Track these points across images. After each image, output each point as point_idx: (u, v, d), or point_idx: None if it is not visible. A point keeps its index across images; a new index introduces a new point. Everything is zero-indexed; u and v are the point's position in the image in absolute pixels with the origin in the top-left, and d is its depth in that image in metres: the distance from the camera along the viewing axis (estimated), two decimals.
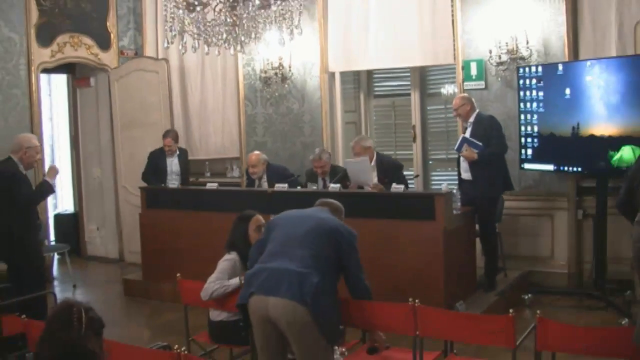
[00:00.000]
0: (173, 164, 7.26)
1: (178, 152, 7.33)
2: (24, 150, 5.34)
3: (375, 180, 5.96)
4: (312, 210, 3.83)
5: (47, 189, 5.57)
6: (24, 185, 5.37)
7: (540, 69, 6.09)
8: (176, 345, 3.04)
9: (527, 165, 6.20)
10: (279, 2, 4.18)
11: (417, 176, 7.42)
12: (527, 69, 6.16)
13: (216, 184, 6.59)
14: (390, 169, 6.07)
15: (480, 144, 5.81)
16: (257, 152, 6.88)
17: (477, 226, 6.19)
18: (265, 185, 6.60)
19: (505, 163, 6.03)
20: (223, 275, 4.09)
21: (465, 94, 6.27)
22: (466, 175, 5.98)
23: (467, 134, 5.96)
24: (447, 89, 7.74)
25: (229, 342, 4.16)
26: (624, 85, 5.48)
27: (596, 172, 5.88)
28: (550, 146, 6.03)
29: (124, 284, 6.94)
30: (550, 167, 6.12)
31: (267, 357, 3.54)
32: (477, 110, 6.02)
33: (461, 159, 6.00)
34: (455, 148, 6.09)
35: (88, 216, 8.78)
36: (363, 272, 3.60)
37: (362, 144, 6.17)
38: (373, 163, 6.08)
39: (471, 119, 5.98)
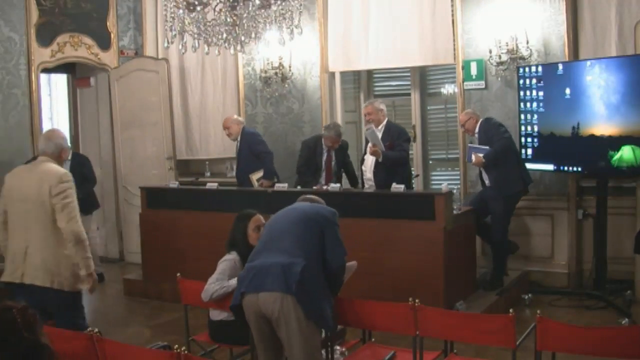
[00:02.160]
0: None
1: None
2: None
3: (381, 144, 6.13)
4: (295, 204, 3.94)
5: None
6: None
7: (540, 68, 6.09)
8: (176, 345, 3.03)
9: (527, 165, 6.19)
10: (279, 2, 4.18)
11: (417, 176, 7.42)
12: (527, 69, 6.16)
13: (216, 184, 6.59)
14: (395, 136, 6.20)
15: (486, 147, 5.88)
16: (235, 116, 7.27)
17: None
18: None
19: (519, 158, 6.06)
20: (223, 276, 4.08)
21: (469, 110, 6.34)
22: (487, 181, 6.06)
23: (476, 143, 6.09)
24: (447, 89, 7.75)
25: (229, 341, 4.16)
26: (624, 85, 5.48)
27: (596, 172, 5.88)
28: (551, 146, 6.03)
29: (124, 284, 6.94)
30: (550, 167, 6.13)
31: (265, 355, 3.58)
32: (480, 119, 6.09)
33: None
34: (467, 160, 6.21)
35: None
36: (342, 248, 3.63)
37: (376, 105, 6.36)
38: (381, 127, 6.24)
39: (477, 129, 6.06)
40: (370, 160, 6.28)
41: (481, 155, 5.86)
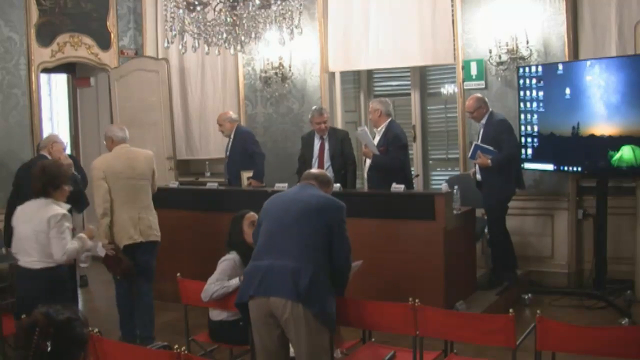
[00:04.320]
0: None
1: None
2: (51, 144, 5.75)
3: (373, 145, 6.08)
4: (297, 190, 3.80)
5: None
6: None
7: (540, 68, 6.09)
8: (176, 345, 3.03)
9: (527, 165, 6.20)
10: (279, 2, 4.18)
11: (417, 176, 7.42)
12: (527, 69, 6.16)
13: (216, 184, 6.59)
14: (390, 140, 6.08)
15: (492, 148, 5.81)
16: (229, 114, 7.15)
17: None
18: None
19: (519, 163, 6.05)
20: (223, 276, 4.09)
21: (479, 95, 6.14)
22: (479, 176, 6.04)
23: (480, 136, 6.00)
24: (447, 89, 7.75)
25: (229, 342, 4.16)
26: (624, 85, 5.48)
27: (596, 172, 5.88)
28: (551, 146, 6.03)
29: None
30: (550, 167, 6.12)
31: (269, 357, 3.57)
32: (490, 110, 6.01)
33: None
34: (469, 156, 6.14)
35: (88, 216, 8.77)
36: (348, 246, 3.60)
37: (373, 105, 6.29)
38: (381, 129, 6.16)
39: (483, 120, 5.99)
40: (368, 162, 6.26)
41: (489, 157, 5.80)
